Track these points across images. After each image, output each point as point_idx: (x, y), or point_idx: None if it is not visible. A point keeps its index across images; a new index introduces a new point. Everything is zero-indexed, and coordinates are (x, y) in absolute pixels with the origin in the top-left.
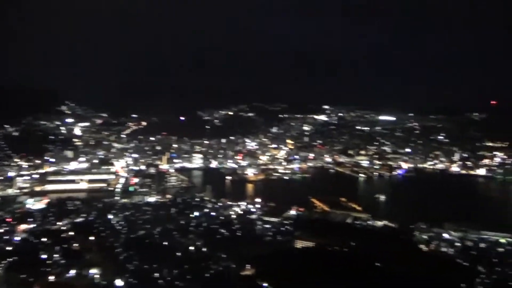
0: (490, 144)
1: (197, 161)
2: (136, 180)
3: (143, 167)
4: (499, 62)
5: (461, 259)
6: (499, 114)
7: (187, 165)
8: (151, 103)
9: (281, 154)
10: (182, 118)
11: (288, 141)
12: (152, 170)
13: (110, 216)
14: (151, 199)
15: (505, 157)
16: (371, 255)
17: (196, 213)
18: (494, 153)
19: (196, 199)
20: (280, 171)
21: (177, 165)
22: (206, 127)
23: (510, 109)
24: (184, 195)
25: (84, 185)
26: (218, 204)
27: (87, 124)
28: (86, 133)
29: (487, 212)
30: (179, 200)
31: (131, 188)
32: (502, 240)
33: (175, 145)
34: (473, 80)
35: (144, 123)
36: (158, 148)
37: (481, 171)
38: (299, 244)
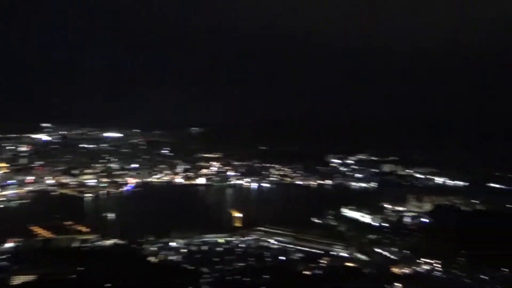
0: (207, 155)
1: None
2: None
3: None
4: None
5: (187, 263)
6: (213, 129)
7: None
8: None
9: None
10: None
11: (1, 164)
12: None
13: None
14: None
15: (220, 166)
16: (100, 277)
17: None
18: (211, 163)
19: None
20: None
21: None
22: None
23: (221, 124)
24: None
25: None
26: None
27: None
28: None
29: (208, 216)
30: None
31: None
32: (221, 240)
33: None
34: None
35: None
36: None
37: (201, 180)
38: (19, 280)
